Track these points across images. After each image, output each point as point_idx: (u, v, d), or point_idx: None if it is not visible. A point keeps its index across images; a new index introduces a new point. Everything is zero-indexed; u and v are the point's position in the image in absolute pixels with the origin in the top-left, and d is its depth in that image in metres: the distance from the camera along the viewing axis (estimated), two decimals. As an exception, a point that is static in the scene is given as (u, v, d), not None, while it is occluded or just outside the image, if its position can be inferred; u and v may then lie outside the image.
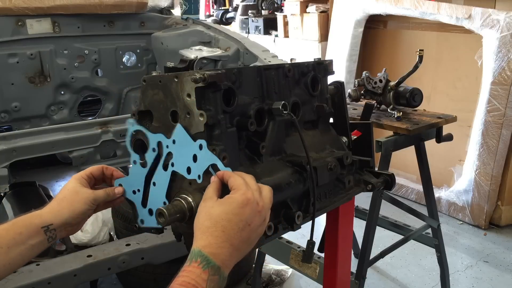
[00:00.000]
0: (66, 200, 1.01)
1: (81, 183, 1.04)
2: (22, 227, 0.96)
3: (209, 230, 0.81)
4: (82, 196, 1.01)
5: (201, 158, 0.92)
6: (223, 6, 10.04)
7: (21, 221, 0.98)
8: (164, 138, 0.98)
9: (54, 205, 1.01)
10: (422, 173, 2.37)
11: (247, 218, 0.83)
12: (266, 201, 0.88)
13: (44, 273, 1.60)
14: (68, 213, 1.00)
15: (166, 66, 2.78)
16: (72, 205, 1.00)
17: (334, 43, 4.53)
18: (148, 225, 1.05)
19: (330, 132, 1.26)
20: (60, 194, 1.03)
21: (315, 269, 2.12)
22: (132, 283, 2.64)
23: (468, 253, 3.26)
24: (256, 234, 0.86)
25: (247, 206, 0.83)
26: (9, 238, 0.94)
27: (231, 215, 0.82)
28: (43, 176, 4.02)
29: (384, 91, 2.33)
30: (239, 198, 0.83)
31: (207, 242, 0.80)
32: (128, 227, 2.35)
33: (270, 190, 0.90)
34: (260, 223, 0.86)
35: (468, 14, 3.34)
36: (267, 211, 0.88)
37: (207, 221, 0.83)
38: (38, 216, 0.99)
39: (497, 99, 3.28)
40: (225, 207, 0.83)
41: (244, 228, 0.83)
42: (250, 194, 0.84)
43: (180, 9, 3.76)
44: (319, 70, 1.22)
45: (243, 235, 0.83)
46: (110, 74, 3.56)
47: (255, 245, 0.89)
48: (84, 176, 1.05)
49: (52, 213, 1.00)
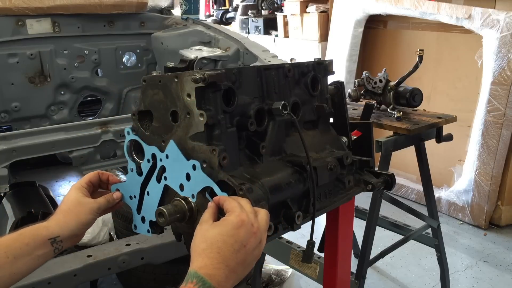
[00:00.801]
0: (72, 212, 1.02)
1: (83, 193, 1.05)
2: (29, 238, 0.98)
3: (205, 252, 0.82)
4: (86, 206, 1.03)
5: (195, 178, 0.93)
6: (223, 6, 10.04)
7: (28, 232, 0.99)
8: (158, 151, 0.99)
9: (60, 217, 1.02)
10: (422, 173, 2.37)
11: (242, 239, 0.83)
12: (262, 223, 0.88)
13: (44, 273, 1.60)
14: (75, 224, 1.02)
15: (166, 66, 2.78)
16: (78, 217, 1.02)
17: (334, 43, 4.53)
18: (140, 231, 1.07)
19: (330, 132, 1.26)
20: (64, 205, 1.04)
21: (315, 269, 2.12)
22: (132, 283, 2.64)
23: (468, 253, 3.26)
24: (253, 256, 0.86)
25: (242, 227, 0.84)
26: (16, 248, 0.96)
27: (226, 236, 0.83)
28: (43, 176, 4.02)
29: (384, 91, 2.33)
30: (233, 220, 0.84)
31: (203, 264, 0.81)
32: (128, 227, 2.35)
33: (266, 213, 0.90)
34: (256, 245, 0.86)
35: (468, 14, 3.34)
36: (263, 233, 0.88)
37: (203, 243, 0.83)
38: (45, 228, 1.00)
39: (497, 99, 3.28)
40: (220, 229, 0.84)
41: (239, 249, 0.83)
42: (244, 216, 0.85)
43: (180, 9, 3.75)
44: (319, 70, 1.22)
45: (238, 256, 0.83)
46: (110, 74, 3.56)
47: None
48: (84, 185, 1.07)
49: (59, 225, 1.01)
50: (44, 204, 2.52)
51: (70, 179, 4.35)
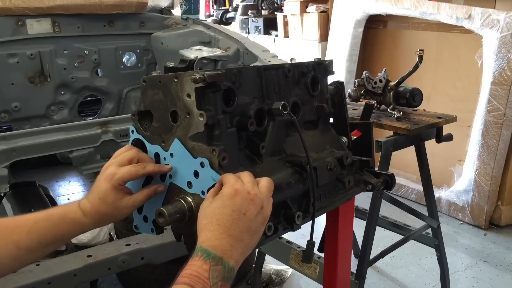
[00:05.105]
0: (108, 216, 1.00)
1: (120, 194, 0.99)
2: (64, 231, 0.99)
3: (206, 226, 0.84)
4: (123, 211, 1.00)
5: (203, 175, 0.93)
6: (223, 6, 10.03)
7: (65, 223, 0.99)
8: (161, 150, 0.99)
9: (96, 217, 0.99)
10: (422, 173, 2.37)
11: (239, 207, 0.85)
12: (262, 190, 0.89)
13: (44, 273, 1.60)
14: (109, 221, 1.03)
15: (166, 66, 2.78)
16: (112, 218, 1.02)
17: (334, 43, 4.53)
18: (142, 231, 1.06)
19: (330, 132, 1.26)
20: (101, 206, 0.98)
21: (315, 269, 2.12)
22: (132, 283, 2.64)
23: (468, 253, 3.26)
24: (256, 223, 0.87)
25: (237, 196, 0.85)
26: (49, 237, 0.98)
27: (222, 208, 0.85)
28: (43, 176, 4.02)
29: (384, 91, 2.32)
30: (227, 190, 0.86)
31: (206, 237, 0.83)
32: (128, 227, 2.35)
33: (268, 180, 0.91)
34: (257, 211, 0.87)
35: (468, 14, 3.34)
36: (264, 199, 0.88)
37: (204, 219, 0.86)
38: (80, 225, 1.00)
39: (497, 99, 3.28)
40: (217, 202, 0.86)
41: (239, 217, 0.84)
42: (238, 185, 0.86)
43: (180, 9, 3.75)
44: (319, 70, 1.22)
45: (240, 224, 0.84)
46: (110, 74, 3.56)
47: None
48: (122, 184, 0.99)
49: (94, 223, 1.00)
50: (44, 204, 2.52)
51: (70, 179, 4.35)
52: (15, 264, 0.97)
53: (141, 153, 1.01)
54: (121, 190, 0.98)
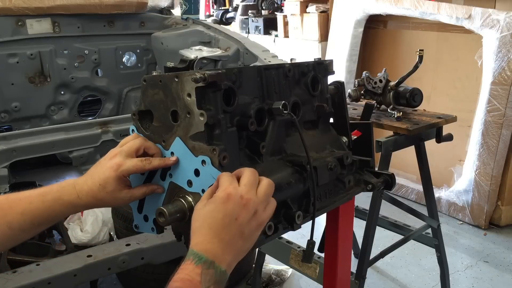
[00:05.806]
0: (104, 202, 1.00)
1: (121, 186, 0.99)
2: (58, 212, 0.99)
3: (198, 229, 0.84)
4: (121, 201, 1.00)
5: (204, 174, 0.93)
6: (223, 6, 10.03)
7: (59, 204, 0.98)
8: (162, 149, 0.98)
9: (92, 201, 0.99)
10: (422, 173, 2.37)
11: (231, 213, 0.84)
12: (259, 194, 0.87)
13: (44, 273, 1.60)
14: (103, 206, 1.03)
15: (166, 66, 2.78)
16: (109, 204, 1.02)
17: (334, 43, 4.53)
18: (142, 230, 1.06)
19: (330, 132, 1.26)
20: (100, 192, 0.97)
21: (315, 269, 2.12)
22: (132, 283, 2.63)
23: (468, 253, 3.26)
24: (250, 228, 0.85)
25: (229, 201, 0.84)
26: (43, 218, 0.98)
27: (215, 212, 0.84)
28: (43, 176, 4.01)
29: (384, 91, 2.33)
30: (219, 195, 0.85)
31: (198, 241, 0.83)
32: (128, 227, 2.35)
33: (267, 184, 0.89)
34: (250, 216, 0.85)
35: (468, 14, 3.34)
36: (260, 204, 0.86)
37: (196, 222, 0.85)
38: (74, 206, 0.99)
39: (497, 99, 3.28)
40: (209, 206, 0.85)
41: (230, 222, 0.84)
42: (231, 189, 0.85)
43: (180, 9, 3.76)
44: (319, 70, 1.22)
45: (232, 229, 0.84)
46: (110, 74, 3.57)
47: (255, 244, 0.89)
48: (125, 174, 0.98)
49: (88, 205, 1.00)
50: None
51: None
52: (7, 243, 0.99)
53: (148, 142, 1.01)
54: (123, 181, 0.98)
